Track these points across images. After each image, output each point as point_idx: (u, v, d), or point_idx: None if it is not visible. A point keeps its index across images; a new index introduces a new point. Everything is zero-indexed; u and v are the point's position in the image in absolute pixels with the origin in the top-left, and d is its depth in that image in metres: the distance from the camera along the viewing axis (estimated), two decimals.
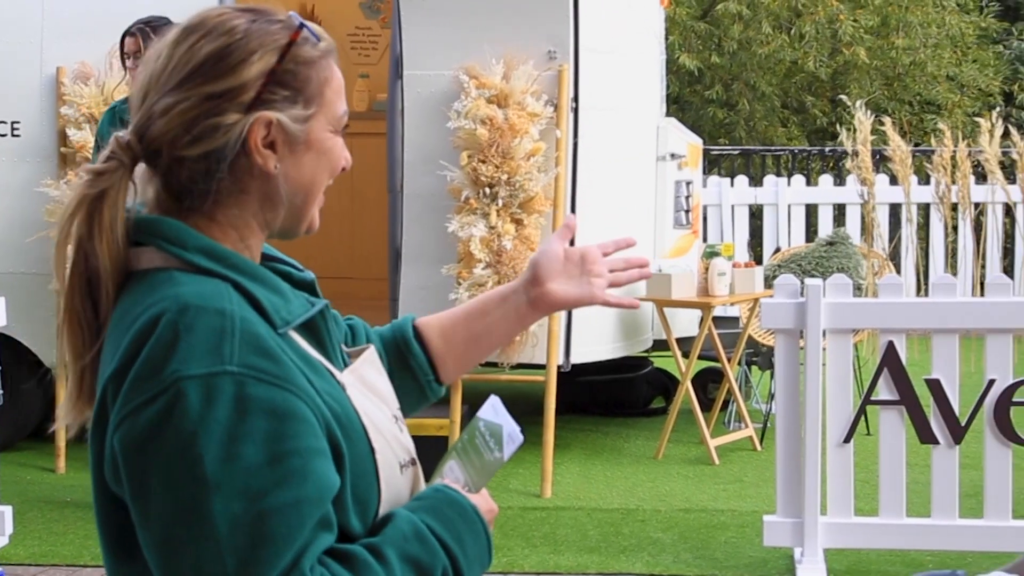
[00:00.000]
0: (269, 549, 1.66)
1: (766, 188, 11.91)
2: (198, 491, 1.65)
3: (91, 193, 1.76)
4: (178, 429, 1.66)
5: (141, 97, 1.81)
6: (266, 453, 1.67)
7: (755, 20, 15.87)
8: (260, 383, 1.69)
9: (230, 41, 1.78)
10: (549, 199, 7.33)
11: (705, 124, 16.38)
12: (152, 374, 1.68)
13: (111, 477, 1.74)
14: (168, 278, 1.76)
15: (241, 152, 1.78)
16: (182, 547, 1.67)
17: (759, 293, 7.93)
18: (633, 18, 8.30)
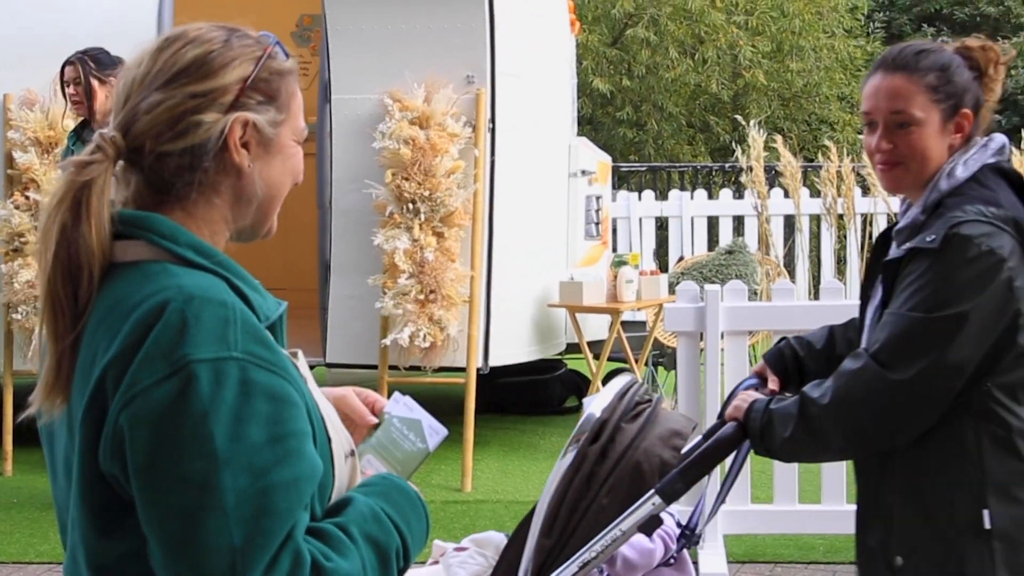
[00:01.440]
0: (272, 522, 1.69)
1: (671, 202, 12.00)
2: (209, 466, 1.67)
3: (79, 181, 1.75)
4: (191, 408, 1.67)
5: (124, 98, 1.83)
6: (268, 433, 1.70)
7: (662, 46, 15.99)
8: (260, 369, 1.72)
9: (212, 48, 1.83)
10: (468, 213, 7.35)
11: (617, 143, 16.48)
12: (162, 356, 1.68)
13: (107, 455, 1.71)
14: (162, 270, 1.76)
15: (219, 151, 1.81)
16: (191, 518, 1.67)
17: (663, 299, 7.98)
18: (545, 44, 8.34)
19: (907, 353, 2.58)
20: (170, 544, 1.69)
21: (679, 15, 15.95)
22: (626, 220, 11.72)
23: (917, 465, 2.68)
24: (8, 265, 7.40)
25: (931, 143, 2.72)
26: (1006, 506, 2.63)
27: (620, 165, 14.61)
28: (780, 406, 2.72)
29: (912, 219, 2.73)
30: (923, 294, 2.58)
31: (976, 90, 2.75)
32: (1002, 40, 12.62)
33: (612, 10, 16.01)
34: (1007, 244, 2.60)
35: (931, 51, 2.75)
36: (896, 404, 2.60)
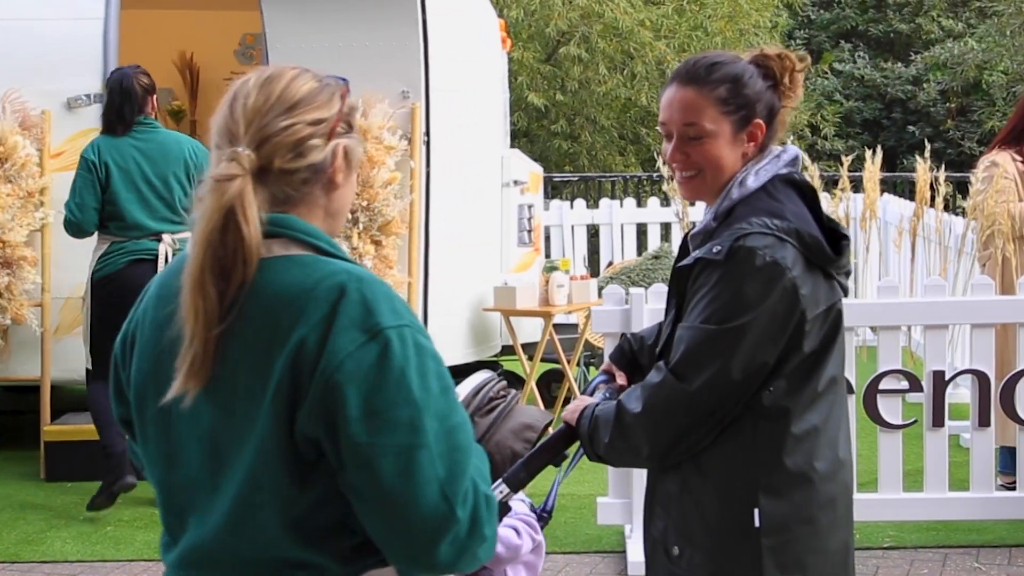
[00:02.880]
0: (461, 455, 1.95)
1: (602, 210, 12.05)
2: (414, 412, 1.90)
3: (228, 193, 1.93)
4: (392, 365, 1.91)
5: (245, 123, 2.00)
6: (440, 385, 1.95)
7: (593, 62, 16.04)
8: (421, 335, 1.97)
9: (319, 85, 2.06)
10: (405, 222, 7.35)
11: (552, 154, 16.52)
12: (356, 327, 1.91)
13: (312, 417, 1.91)
14: (315, 260, 1.99)
15: (325, 171, 2.05)
16: (406, 455, 1.90)
17: (593, 302, 8.02)
18: (478, 61, 8.36)
19: (697, 364, 2.58)
20: (390, 480, 1.90)
21: (609, 33, 16.01)
22: (559, 228, 11.75)
23: (697, 459, 2.68)
24: None
25: (723, 153, 2.70)
26: (776, 505, 2.63)
27: (553, 175, 14.66)
28: (603, 411, 2.73)
29: (705, 225, 2.74)
30: (713, 307, 2.58)
31: (770, 99, 2.73)
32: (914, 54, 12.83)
33: (546, 29, 16.04)
34: (789, 255, 2.59)
35: (723, 63, 2.73)
36: (692, 414, 2.60)
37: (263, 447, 1.94)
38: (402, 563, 1.99)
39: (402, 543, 1.95)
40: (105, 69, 7.61)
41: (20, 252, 7.36)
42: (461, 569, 1.99)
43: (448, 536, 1.92)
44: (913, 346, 8.44)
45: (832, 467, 2.71)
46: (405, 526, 1.92)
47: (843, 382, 2.79)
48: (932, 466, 5.69)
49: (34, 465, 7.47)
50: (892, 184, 13.25)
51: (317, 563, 1.99)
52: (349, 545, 2.00)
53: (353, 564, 2.00)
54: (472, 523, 1.94)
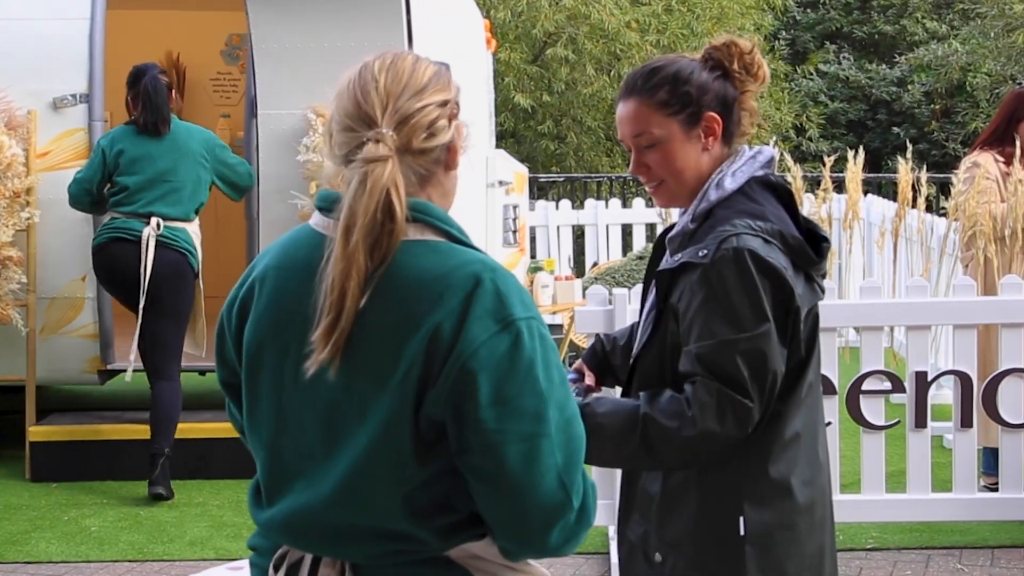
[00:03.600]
0: (576, 444, 2.02)
1: (587, 210, 12.03)
2: (539, 401, 1.97)
3: (381, 181, 1.97)
4: (523, 355, 1.97)
5: (380, 105, 2.04)
6: (559, 376, 2.01)
7: (580, 63, 16.02)
8: (543, 326, 2.04)
9: (438, 68, 2.12)
10: None
11: (539, 155, 16.51)
12: (490, 316, 1.97)
13: (441, 399, 1.96)
14: (450, 248, 2.04)
15: (448, 152, 2.10)
16: (530, 442, 1.96)
17: (578, 302, 8.00)
18: (462, 61, 8.30)
19: (749, 377, 2.53)
20: (514, 466, 1.96)
21: (596, 34, 15.99)
22: (544, 228, 11.73)
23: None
24: None
25: (679, 155, 2.66)
26: (760, 513, 2.60)
27: (539, 176, 14.63)
28: (608, 420, 2.60)
29: (683, 227, 2.69)
30: (731, 316, 2.52)
31: (720, 89, 2.68)
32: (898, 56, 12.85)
33: (532, 30, 16.01)
34: (780, 256, 2.57)
35: (660, 67, 2.69)
36: (748, 426, 2.56)
37: (387, 423, 1.99)
38: (514, 545, 2.05)
39: (518, 526, 2.02)
40: (91, 69, 7.57)
41: (6, 252, 7.31)
42: (568, 552, 2.06)
43: (561, 522, 2.00)
44: (896, 347, 8.43)
45: (811, 472, 2.69)
46: (523, 510, 1.99)
47: (820, 385, 2.76)
48: (915, 467, 5.67)
49: (19, 465, 7.42)
50: (877, 185, 13.26)
51: (419, 536, 2.04)
52: (450, 522, 2.06)
53: (450, 539, 2.07)
54: (582, 510, 2.02)
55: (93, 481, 7.14)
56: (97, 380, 7.78)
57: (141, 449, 7.09)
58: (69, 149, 7.60)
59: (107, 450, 7.22)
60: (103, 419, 7.61)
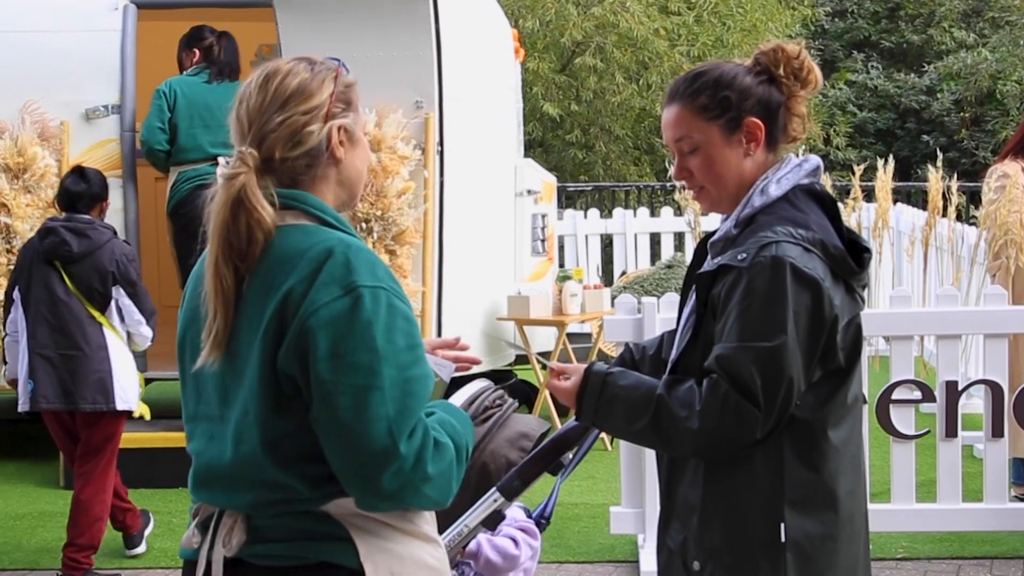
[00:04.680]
0: (413, 401, 2.21)
1: (615, 219, 12.01)
2: (373, 358, 2.17)
3: (233, 187, 2.23)
4: (360, 316, 2.18)
5: (248, 123, 2.30)
6: (406, 342, 2.21)
7: (608, 72, 16.00)
8: (397, 298, 2.23)
9: (307, 76, 2.31)
10: (419, 232, 7.33)
11: (567, 164, 16.50)
12: (335, 282, 2.19)
13: (289, 355, 2.19)
14: (317, 229, 2.27)
15: (326, 150, 2.31)
16: (361, 393, 2.17)
17: (606, 311, 7.99)
18: (491, 71, 8.34)
19: (759, 384, 2.51)
20: (345, 414, 2.17)
21: (624, 43, 15.97)
22: (573, 237, 11.72)
23: (721, 472, 2.62)
24: None
25: (720, 160, 2.65)
26: (801, 520, 2.58)
27: (567, 185, 14.62)
28: (627, 393, 2.62)
29: (726, 232, 2.68)
30: (756, 321, 2.51)
31: (764, 94, 2.66)
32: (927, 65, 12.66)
33: (561, 39, 16.02)
34: (819, 266, 2.55)
35: (703, 72, 2.69)
36: (754, 432, 2.54)
37: (253, 379, 2.23)
38: (352, 489, 2.23)
39: (351, 470, 2.20)
40: (123, 80, 7.63)
41: None
42: (406, 501, 2.23)
43: (391, 468, 2.18)
44: (926, 356, 8.38)
45: (854, 483, 2.67)
46: (354, 455, 2.19)
47: (862, 400, 2.74)
48: (945, 477, 5.63)
49: (53, 473, 7.46)
50: (906, 194, 13.18)
51: (289, 485, 2.25)
52: (318, 473, 2.24)
53: (320, 490, 2.25)
54: (417, 459, 2.19)
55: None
56: None
57: (175, 457, 7.09)
58: (101, 159, 7.65)
59: (142, 458, 7.24)
60: (138, 427, 7.63)
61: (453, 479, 2.29)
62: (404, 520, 2.32)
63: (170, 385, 8.68)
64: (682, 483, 2.71)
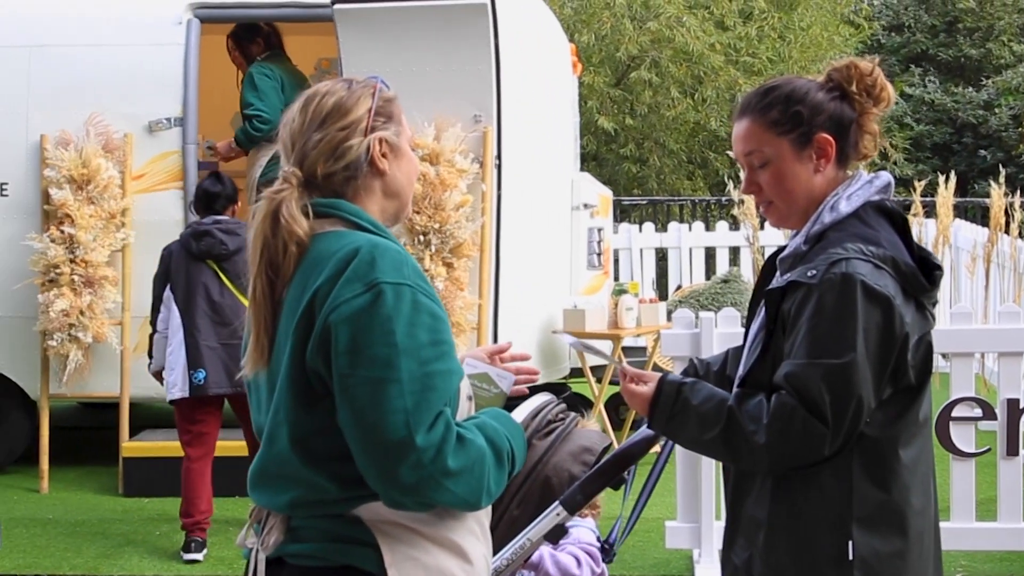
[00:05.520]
0: (433, 395, 2.22)
1: (670, 233, 11.99)
2: (391, 352, 2.20)
3: (271, 207, 2.32)
4: (380, 312, 2.21)
5: (291, 144, 2.39)
6: (430, 338, 2.24)
7: (663, 86, 15.98)
8: (423, 295, 2.26)
9: (342, 94, 2.39)
10: (476, 245, 7.35)
11: (620, 178, 16.48)
12: (358, 279, 2.23)
13: (314, 352, 2.25)
14: (349, 232, 2.33)
15: (367, 163, 2.37)
16: (378, 385, 2.20)
17: (662, 325, 7.97)
18: (549, 85, 8.36)
19: (828, 401, 2.49)
20: (362, 406, 2.20)
21: (679, 57, 15.95)
22: (627, 251, 11.71)
23: (789, 489, 2.60)
24: (44, 295, 7.42)
25: (789, 175, 2.66)
26: (869, 538, 2.56)
27: (622, 199, 14.61)
28: (701, 401, 2.62)
29: (795, 248, 2.67)
30: (826, 339, 2.50)
31: (836, 110, 2.66)
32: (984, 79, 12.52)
33: (616, 53, 16.02)
34: (890, 283, 2.53)
35: (776, 87, 2.69)
36: (822, 450, 2.53)
37: (284, 377, 2.29)
38: (373, 483, 2.24)
39: (371, 464, 2.22)
40: (185, 93, 7.72)
41: (102, 272, 7.46)
42: (430, 496, 2.23)
43: (409, 460, 2.19)
44: (986, 374, 8.30)
45: (923, 502, 2.65)
46: (373, 448, 2.21)
47: (931, 420, 2.72)
48: (1006, 495, 5.57)
49: (112, 481, 7.55)
50: (963, 209, 13.07)
51: (319, 483, 2.28)
52: (348, 473, 2.27)
53: (352, 491, 2.28)
54: (437, 452, 2.20)
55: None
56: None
57: (230, 465, 7.16)
58: (163, 172, 7.74)
59: None
60: None
61: (485, 478, 2.28)
62: (437, 528, 2.32)
63: None
64: (748, 499, 2.69)
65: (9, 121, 7.72)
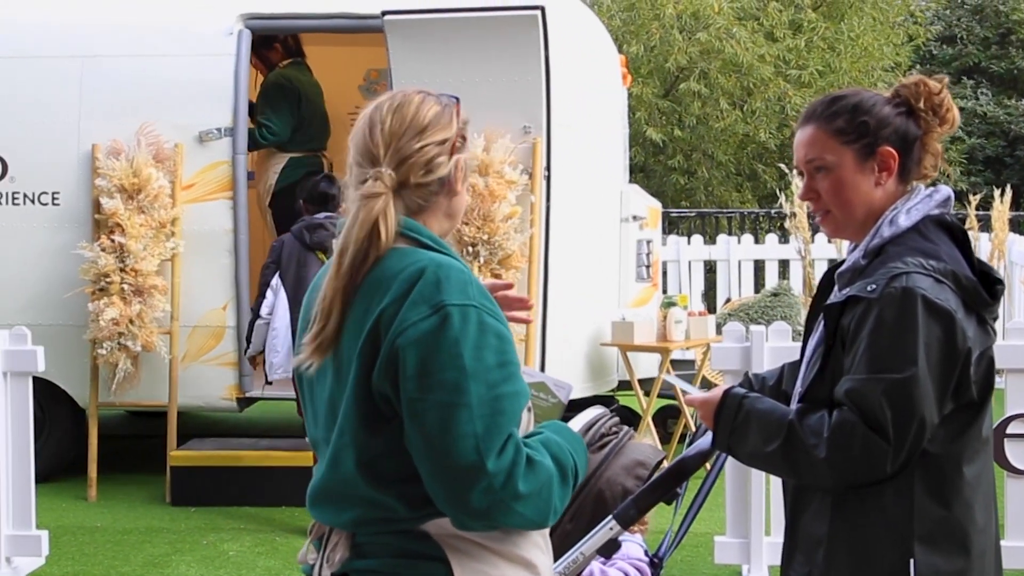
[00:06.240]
0: (502, 419, 2.21)
1: (719, 246, 11.95)
2: (460, 375, 2.19)
3: (373, 213, 2.28)
4: (447, 335, 2.20)
5: (384, 147, 2.33)
6: (497, 359, 2.22)
7: (712, 98, 15.94)
8: (489, 316, 2.25)
9: (439, 109, 2.37)
10: (524, 256, 7.35)
11: (668, 189, 16.45)
12: (424, 302, 2.21)
13: (381, 375, 2.23)
14: (413, 251, 2.31)
15: (448, 181, 2.37)
16: (448, 410, 2.18)
17: (711, 338, 7.93)
18: (599, 97, 8.35)
19: (889, 417, 2.47)
20: (432, 432, 2.19)
21: (728, 69, 15.92)
22: (676, 263, 11.68)
23: (849, 505, 2.58)
24: (94, 304, 7.49)
25: (849, 184, 2.64)
26: (931, 556, 2.53)
27: (670, 211, 14.58)
28: (762, 416, 2.61)
29: (853, 262, 2.65)
30: (887, 354, 2.47)
31: (901, 125, 2.65)
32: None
33: (665, 64, 16.01)
34: (951, 297, 2.51)
35: (844, 97, 2.68)
36: (883, 467, 2.50)
37: (349, 399, 2.28)
38: (443, 507, 2.24)
39: (441, 489, 2.22)
40: (236, 104, 7.77)
41: (151, 281, 7.52)
42: (499, 520, 2.22)
43: (480, 485, 2.18)
44: None
45: (986, 520, 2.62)
46: (443, 473, 2.20)
47: (992, 437, 2.69)
48: None
49: (160, 489, 7.59)
50: (1016, 223, 12.94)
51: (387, 503, 2.28)
52: (416, 493, 2.26)
53: (420, 510, 2.28)
54: (507, 477, 2.19)
55: (231, 506, 7.27)
56: (235, 407, 7.93)
57: (277, 476, 7.21)
58: (213, 182, 7.80)
59: (245, 476, 7.34)
60: (241, 445, 7.76)
61: (552, 498, 2.28)
62: (505, 544, 2.32)
63: (273, 405, 8.81)
64: (806, 515, 2.67)
65: (61, 131, 7.80)
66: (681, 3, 15.84)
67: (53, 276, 7.73)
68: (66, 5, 8.20)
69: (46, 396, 7.53)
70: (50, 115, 7.81)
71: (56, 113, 7.81)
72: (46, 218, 7.81)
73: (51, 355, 6.27)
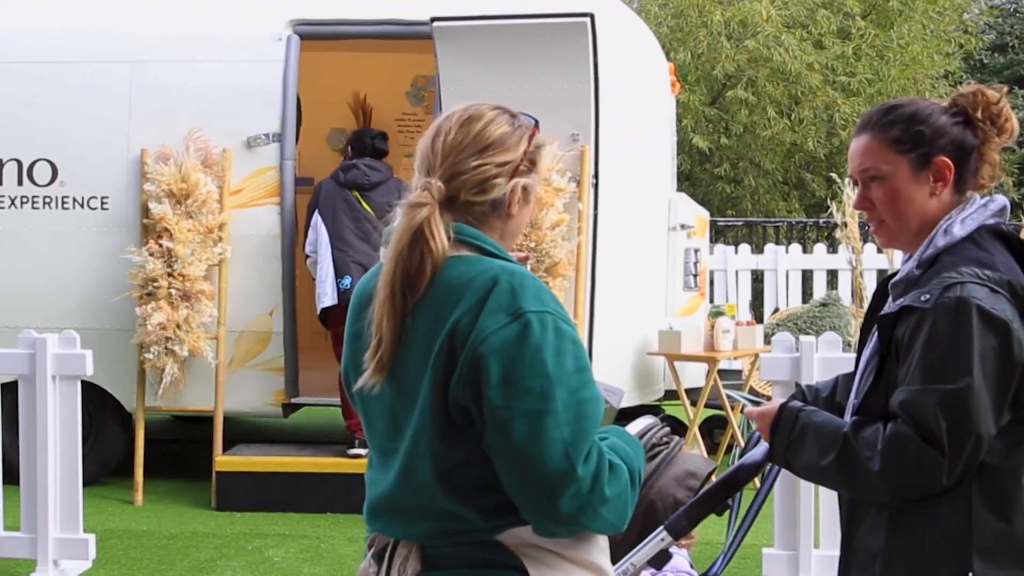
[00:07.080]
0: (586, 424, 2.21)
1: (766, 255, 11.88)
2: (545, 382, 2.18)
3: (415, 222, 2.27)
4: (530, 342, 2.19)
5: (443, 156, 2.33)
6: (575, 364, 2.22)
7: (759, 106, 15.88)
8: (563, 322, 2.24)
9: (510, 128, 2.34)
10: (572, 264, 7.35)
11: (715, 198, 16.39)
12: (502, 310, 2.20)
13: (460, 385, 2.22)
14: (479, 259, 2.30)
15: (503, 203, 2.35)
16: (536, 418, 2.17)
17: (759, 348, 7.90)
18: (647, 104, 8.33)
19: (946, 429, 2.44)
20: (520, 439, 2.18)
21: (776, 77, 15.85)
22: (723, 272, 11.63)
23: (906, 518, 2.55)
24: (142, 308, 7.54)
25: (904, 194, 2.63)
26: (990, 569, 2.49)
27: (717, 220, 14.52)
28: (819, 429, 2.60)
29: (908, 272, 2.63)
30: (941, 365, 2.44)
31: (958, 135, 2.62)
32: None
33: (712, 72, 15.96)
34: (1007, 307, 2.48)
35: (900, 106, 2.66)
36: (940, 479, 2.47)
37: (423, 410, 2.26)
38: (531, 514, 2.23)
39: (529, 495, 2.21)
40: (284, 109, 7.81)
41: (199, 286, 7.56)
42: (585, 525, 2.23)
43: (569, 490, 2.19)
44: None
45: None
46: (532, 480, 2.20)
47: None
48: None
49: (205, 494, 7.63)
50: None
51: (463, 515, 2.27)
52: (492, 502, 2.26)
53: (496, 520, 2.27)
54: (594, 481, 2.21)
55: (275, 512, 7.31)
56: (281, 413, 7.97)
57: (322, 482, 7.23)
58: (261, 187, 7.84)
59: (290, 482, 7.38)
60: (287, 451, 7.79)
61: (628, 502, 2.29)
62: (578, 551, 2.32)
63: (317, 411, 8.85)
64: (862, 529, 2.65)
65: (110, 136, 7.87)
66: (729, 11, 15.80)
67: (101, 280, 7.80)
68: (118, 11, 8.27)
69: (93, 400, 7.59)
70: (100, 120, 7.89)
71: (105, 118, 7.88)
72: (95, 222, 7.88)
73: (98, 359, 6.32)
